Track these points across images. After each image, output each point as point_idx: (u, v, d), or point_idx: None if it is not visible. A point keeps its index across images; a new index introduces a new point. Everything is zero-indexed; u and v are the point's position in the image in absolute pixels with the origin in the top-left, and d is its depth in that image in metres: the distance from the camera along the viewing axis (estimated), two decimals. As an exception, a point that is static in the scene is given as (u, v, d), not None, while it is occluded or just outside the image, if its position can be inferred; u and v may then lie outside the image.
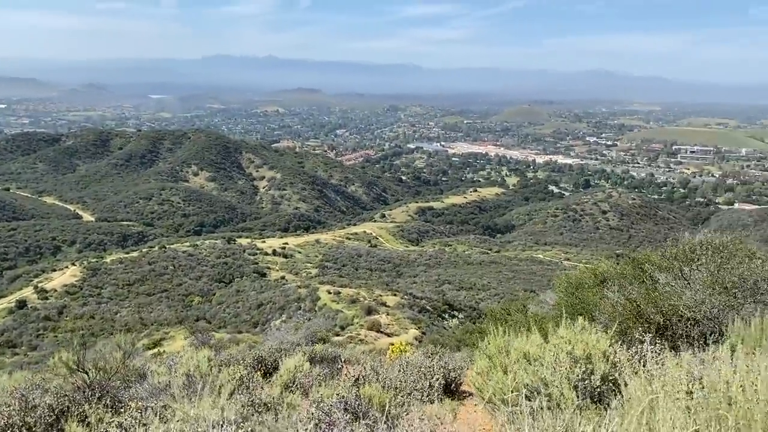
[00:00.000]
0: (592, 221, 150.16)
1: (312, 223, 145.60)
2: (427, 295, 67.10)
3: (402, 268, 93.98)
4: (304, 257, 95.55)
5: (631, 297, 9.06)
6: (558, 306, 12.19)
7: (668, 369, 3.42)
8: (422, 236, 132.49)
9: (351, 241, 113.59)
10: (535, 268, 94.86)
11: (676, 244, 11.66)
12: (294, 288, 67.60)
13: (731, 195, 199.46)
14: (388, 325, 49.85)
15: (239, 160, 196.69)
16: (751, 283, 10.40)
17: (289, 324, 41.69)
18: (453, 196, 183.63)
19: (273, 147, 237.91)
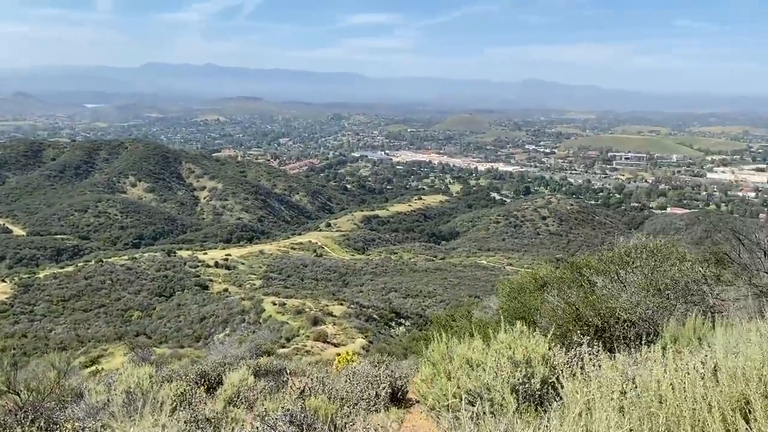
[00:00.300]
0: (532, 227, 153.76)
1: (255, 233, 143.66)
2: (373, 303, 67.16)
3: (348, 277, 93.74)
4: (247, 269, 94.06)
5: (570, 301, 9.33)
6: (501, 311, 12.42)
7: (604, 370, 3.52)
8: (368, 245, 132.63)
9: (296, 251, 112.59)
10: (479, 274, 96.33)
11: (611, 248, 12.12)
12: (237, 300, 66.46)
13: (664, 200, 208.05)
14: (335, 335, 49.60)
15: (179, 170, 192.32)
16: (682, 284, 10.87)
17: (233, 337, 40.92)
18: (398, 204, 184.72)
19: (214, 156, 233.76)
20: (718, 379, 3.08)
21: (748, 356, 3.20)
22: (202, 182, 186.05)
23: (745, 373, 3.01)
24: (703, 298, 10.44)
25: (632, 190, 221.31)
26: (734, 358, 3.30)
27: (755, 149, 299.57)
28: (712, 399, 2.81)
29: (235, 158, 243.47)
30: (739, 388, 2.92)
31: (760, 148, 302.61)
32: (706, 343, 4.57)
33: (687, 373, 3.13)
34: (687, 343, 5.12)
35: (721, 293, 10.90)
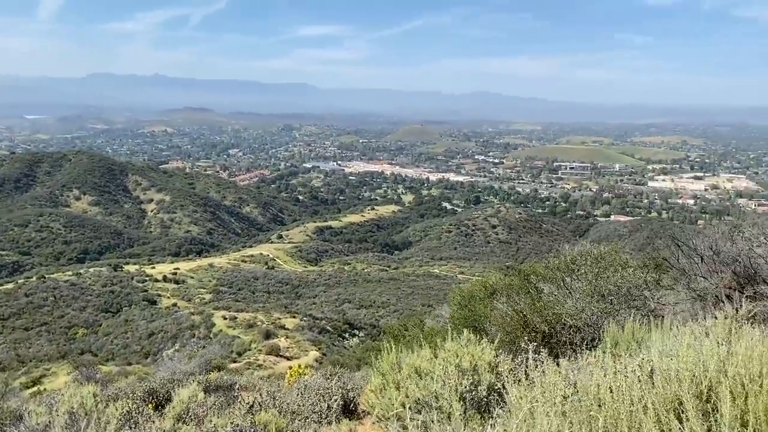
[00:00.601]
0: (483, 236, 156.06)
1: (205, 246, 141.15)
2: (327, 315, 66.80)
3: (301, 289, 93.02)
4: (197, 282, 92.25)
5: (518, 308, 9.52)
6: (452, 319, 12.56)
7: (548, 376, 3.61)
8: (321, 256, 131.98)
9: (247, 263, 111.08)
10: (431, 283, 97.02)
11: (557, 255, 12.43)
12: (187, 315, 65.08)
13: (608, 207, 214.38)
14: (287, 349, 49.09)
15: (125, 182, 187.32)
16: (625, 290, 11.23)
17: (182, 353, 40.00)
18: (351, 214, 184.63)
19: (161, 168, 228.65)
20: (654, 381, 3.21)
21: (682, 358, 3.34)
22: (149, 195, 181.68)
23: (678, 375, 3.14)
24: (645, 303, 10.80)
25: (577, 199, 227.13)
26: (669, 361, 3.44)
27: (693, 158, 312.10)
28: (648, 401, 2.93)
29: (183, 170, 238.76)
30: (673, 390, 3.04)
31: (697, 157, 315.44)
32: (644, 347, 4.73)
33: (625, 376, 3.25)
34: (627, 346, 5.30)
35: (661, 298, 11.29)
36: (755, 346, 3.48)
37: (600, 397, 3.06)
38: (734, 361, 3.16)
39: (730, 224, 15.96)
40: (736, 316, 4.53)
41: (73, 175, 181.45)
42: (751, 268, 12.18)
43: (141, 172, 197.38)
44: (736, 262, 12.49)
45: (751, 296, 11.44)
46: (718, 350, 3.44)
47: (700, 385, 3.06)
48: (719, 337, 4.04)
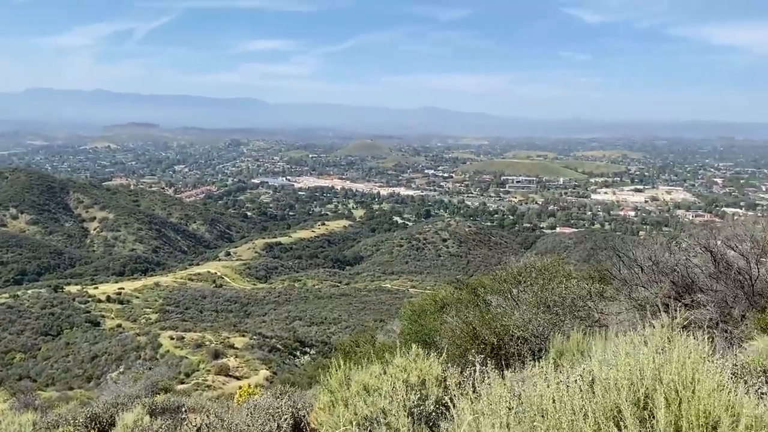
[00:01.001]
0: (434, 249, 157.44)
1: (150, 265, 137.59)
2: (277, 333, 65.97)
3: (250, 307, 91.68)
4: (142, 302, 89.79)
5: (467, 320, 9.65)
6: (403, 334, 12.62)
7: (494, 388, 3.68)
8: (270, 273, 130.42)
9: (194, 282, 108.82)
10: (383, 298, 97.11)
11: (504, 267, 12.68)
12: (132, 336, 63.21)
13: (553, 220, 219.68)
14: (237, 368, 48.21)
15: (66, 200, 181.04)
16: (569, 300, 11.54)
17: (127, 375, 38.87)
18: (301, 230, 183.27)
19: (104, 185, 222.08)
20: (594, 390, 3.31)
21: (620, 367, 3.46)
22: (91, 213, 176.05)
23: (617, 384, 3.26)
24: (589, 313, 11.12)
25: (524, 212, 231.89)
26: (609, 370, 3.56)
27: (633, 171, 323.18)
28: (588, 410, 3.02)
29: (127, 187, 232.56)
30: (612, 398, 3.15)
31: (637, 170, 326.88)
32: (587, 356, 4.86)
33: (567, 386, 3.34)
34: (571, 356, 5.44)
35: (604, 308, 11.65)
36: (689, 353, 3.63)
37: (543, 407, 3.14)
38: (669, 369, 3.30)
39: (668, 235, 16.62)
40: (671, 324, 4.72)
41: (10, 193, 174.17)
42: (688, 278, 12.70)
43: (83, 189, 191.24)
44: (674, 272, 13.01)
45: (689, 304, 11.93)
46: (654, 358, 3.57)
47: (638, 392, 3.18)
48: (657, 345, 4.19)
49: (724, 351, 6.00)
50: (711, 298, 11.55)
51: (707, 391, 3.04)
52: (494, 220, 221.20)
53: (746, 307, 11.06)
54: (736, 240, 12.66)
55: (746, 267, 11.76)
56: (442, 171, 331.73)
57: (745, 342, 8.52)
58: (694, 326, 7.82)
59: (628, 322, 10.21)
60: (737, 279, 11.73)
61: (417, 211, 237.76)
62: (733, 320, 10.87)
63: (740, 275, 11.72)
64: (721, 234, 13.43)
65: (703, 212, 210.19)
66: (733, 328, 10.30)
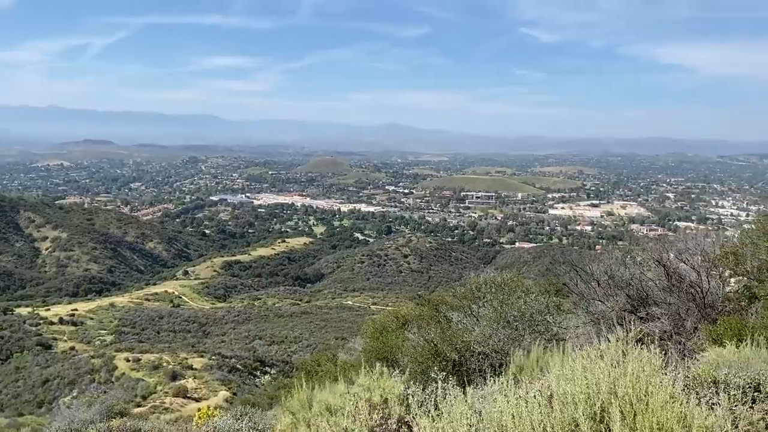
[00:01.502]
0: (395, 265, 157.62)
1: (105, 285, 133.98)
2: (237, 353, 64.92)
3: (209, 327, 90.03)
4: (97, 324, 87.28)
5: (429, 337, 9.69)
6: (365, 352, 12.57)
7: (455, 405, 3.71)
8: (230, 292, 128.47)
9: (151, 302, 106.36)
10: (345, 315, 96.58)
11: (464, 283, 12.79)
12: (86, 359, 61.32)
13: (512, 235, 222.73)
14: (195, 389, 47.21)
15: (16, 219, 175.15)
16: (528, 315, 11.70)
17: (80, 400, 37.62)
18: (261, 248, 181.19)
19: (57, 204, 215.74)
20: (552, 405, 3.37)
21: (577, 382, 3.53)
22: (43, 232, 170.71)
23: (574, 398, 3.32)
24: (548, 328, 11.29)
25: (484, 227, 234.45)
26: (567, 385, 3.63)
27: (589, 187, 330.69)
28: (546, 424, 3.07)
29: (81, 205, 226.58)
30: (569, 413, 3.21)
31: (593, 185, 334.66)
32: (546, 371, 4.94)
33: (526, 401, 3.39)
34: (530, 372, 5.51)
35: (562, 322, 11.86)
36: (643, 366, 3.73)
37: (503, 423, 3.18)
38: (624, 382, 3.38)
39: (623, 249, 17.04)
40: (626, 338, 4.84)
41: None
42: (642, 291, 13.03)
43: (34, 208, 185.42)
44: (629, 286, 13.33)
45: (644, 317, 12.24)
46: (609, 372, 3.66)
47: (594, 406, 3.25)
48: (612, 359, 4.28)
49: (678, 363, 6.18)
50: (665, 311, 11.87)
51: (660, 404, 3.12)
52: (455, 236, 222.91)
53: (698, 318, 11.40)
54: (687, 254, 13.06)
55: (698, 280, 12.14)
56: (402, 187, 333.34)
57: (697, 353, 8.76)
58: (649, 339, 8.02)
59: (586, 335, 10.41)
60: (689, 292, 12.09)
61: (378, 227, 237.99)
62: (686, 332, 11.19)
63: (692, 288, 12.09)
64: (673, 248, 13.84)
65: (657, 226, 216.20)
66: (686, 340, 10.60)
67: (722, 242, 12.96)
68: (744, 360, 6.13)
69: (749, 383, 4.46)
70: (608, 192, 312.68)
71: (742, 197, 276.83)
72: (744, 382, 4.47)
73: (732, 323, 8.20)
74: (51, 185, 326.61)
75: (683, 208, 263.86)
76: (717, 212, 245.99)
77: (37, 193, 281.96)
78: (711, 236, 14.47)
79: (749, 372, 4.63)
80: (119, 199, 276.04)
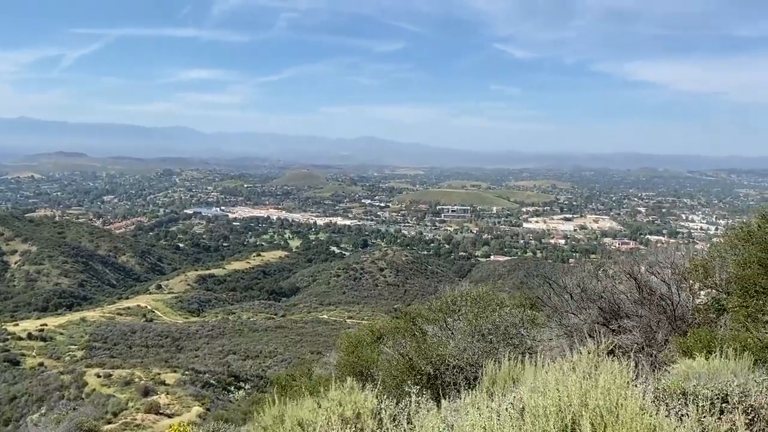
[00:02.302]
0: (371, 279, 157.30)
1: (76, 299, 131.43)
2: (210, 368, 64.06)
3: (182, 342, 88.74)
4: (67, 339, 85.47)
5: (403, 351, 9.66)
6: (339, 366, 12.48)
7: (428, 419, 3.69)
8: (203, 306, 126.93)
9: (123, 316, 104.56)
10: (320, 329, 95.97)
11: (439, 297, 12.82)
12: (55, 375, 59.92)
13: (487, 248, 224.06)
14: (168, 405, 46.39)
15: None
16: (503, 328, 11.75)
17: (49, 417, 36.75)
18: (235, 261, 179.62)
19: (27, 217, 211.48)
20: (524, 418, 3.38)
21: (549, 394, 3.55)
22: (12, 245, 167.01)
23: (545, 411, 3.34)
24: (522, 341, 11.35)
25: (459, 241, 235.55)
26: (538, 397, 3.64)
27: (562, 201, 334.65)
28: (518, 437, 3.08)
29: (52, 218, 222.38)
30: (541, 425, 3.22)
31: (566, 200, 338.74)
32: (520, 384, 4.95)
33: (498, 414, 3.39)
34: (503, 384, 5.53)
35: (536, 335, 11.93)
36: (614, 378, 3.76)
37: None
38: (594, 394, 3.41)
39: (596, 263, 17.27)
40: (597, 350, 4.88)
41: None
42: (614, 304, 13.19)
43: (3, 221, 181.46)
44: (602, 299, 13.48)
45: (616, 330, 12.38)
46: (581, 384, 3.68)
47: (565, 419, 3.26)
48: (584, 371, 4.31)
49: (648, 375, 6.25)
50: (636, 324, 12.02)
51: (630, 416, 3.15)
52: (431, 249, 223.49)
53: (669, 331, 11.56)
54: (658, 267, 13.27)
55: (668, 293, 12.33)
56: (378, 200, 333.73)
57: (668, 365, 8.85)
58: (620, 351, 8.11)
59: (559, 348, 10.48)
60: (660, 304, 12.27)
61: (354, 240, 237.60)
62: (657, 344, 11.33)
63: (663, 301, 12.27)
64: (644, 261, 14.04)
65: (629, 240, 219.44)
66: (657, 352, 10.73)
67: (692, 255, 13.18)
68: (713, 371, 6.23)
69: (717, 394, 4.53)
70: (581, 206, 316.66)
71: (711, 211, 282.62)
72: (712, 393, 4.53)
73: (702, 335, 8.33)
74: (21, 198, 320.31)
75: (654, 222, 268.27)
76: (687, 226, 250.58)
77: (7, 205, 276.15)
78: (681, 250, 14.71)
79: (717, 383, 4.70)
80: (91, 212, 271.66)
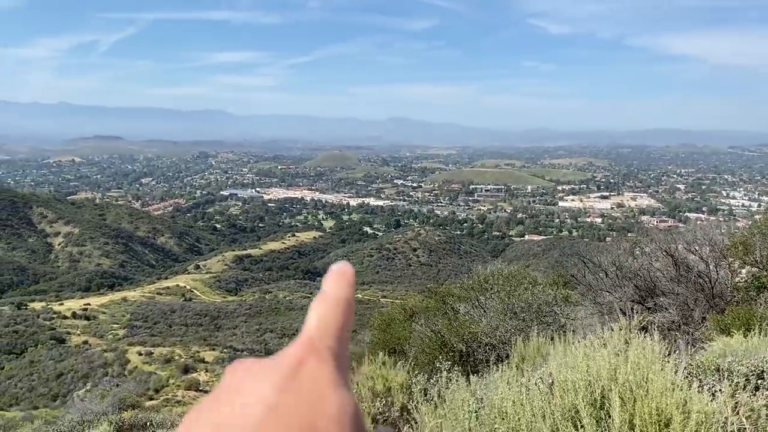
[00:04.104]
0: (404, 258, 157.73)
1: (117, 279, 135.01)
2: (248, 346, 65.33)
3: (220, 321, 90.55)
4: (109, 318, 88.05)
5: (436, 329, 9.73)
6: (372, 343, 12.64)
7: (457, 393, 3.75)
8: (241, 285, 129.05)
9: (162, 296, 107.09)
10: (354, 308, 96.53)
11: (472, 276, 12.83)
12: (99, 352, 61.92)
13: (522, 228, 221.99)
14: (207, 383, 47.54)
15: (29, 215, 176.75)
16: (536, 307, 11.72)
17: (94, 393, 38.05)
18: (271, 242, 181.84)
19: (69, 200, 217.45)
20: (553, 392, 3.40)
21: (578, 369, 3.56)
22: (56, 227, 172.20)
23: (575, 385, 3.35)
24: (555, 319, 11.31)
25: (493, 220, 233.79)
26: (567, 372, 3.65)
27: (599, 178, 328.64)
28: (546, 411, 3.10)
29: (92, 201, 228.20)
30: (570, 399, 3.24)
31: (603, 177, 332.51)
32: (550, 360, 4.96)
33: (527, 388, 3.42)
34: (533, 360, 5.54)
35: (570, 313, 11.86)
36: (644, 354, 3.75)
37: (503, 409, 3.22)
38: (624, 369, 3.41)
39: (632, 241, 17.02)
40: (629, 326, 4.86)
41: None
42: (650, 282, 13.01)
43: (47, 204, 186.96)
44: (638, 276, 13.31)
45: (652, 308, 12.22)
46: (611, 359, 3.68)
47: (594, 393, 3.28)
48: (615, 347, 4.30)
49: (683, 352, 6.19)
50: (673, 301, 11.84)
51: (660, 390, 3.15)
52: (464, 229, 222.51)
53: (706, 309, 11.38)
54: (696, 244, 13.01)
55: (706, 270, 12.10)
56: (411, 181, 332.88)
57: (705, 343, 8.74)
58: (656, 328, 8.02)
59: (593, 326, 10.41)
60: (697, 282, 12.05)
61: (387, 221, 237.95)
62: (694, 322, 11.17)
63: (700, 278, 12.05)
64: (682, 239, 13.78)
65: (667, 218, 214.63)
66: (694, 330, 10.58)
67: (732, 232, 12.90)
68: (751, 349, 6.13)
69: (753, 371, 4.47)
70: (618, 183, 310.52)
71: (753, 188, 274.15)
72: (747, 369, 4.48)
73: (740, 313, 8.19)
74: (63, 181, 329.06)
75: (694, 200, 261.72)
76: (728, 203, 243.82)
77: (49, 189, 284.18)
78: (721, 227, 14.39)
79: (753, 360, 4.64)
80: (130, 195, 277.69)
